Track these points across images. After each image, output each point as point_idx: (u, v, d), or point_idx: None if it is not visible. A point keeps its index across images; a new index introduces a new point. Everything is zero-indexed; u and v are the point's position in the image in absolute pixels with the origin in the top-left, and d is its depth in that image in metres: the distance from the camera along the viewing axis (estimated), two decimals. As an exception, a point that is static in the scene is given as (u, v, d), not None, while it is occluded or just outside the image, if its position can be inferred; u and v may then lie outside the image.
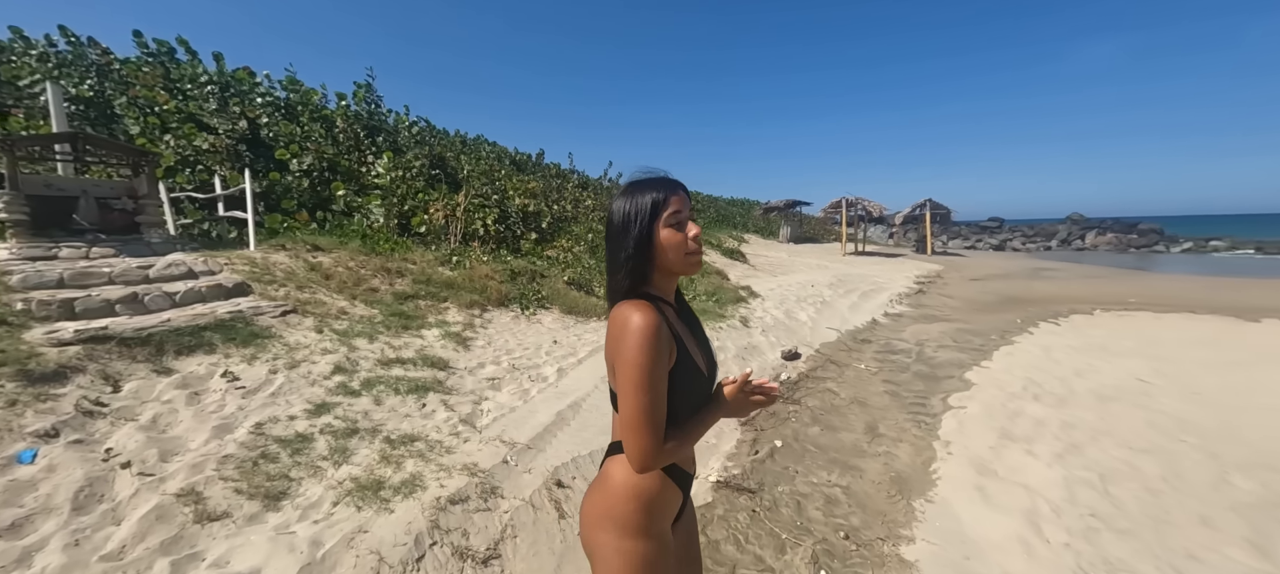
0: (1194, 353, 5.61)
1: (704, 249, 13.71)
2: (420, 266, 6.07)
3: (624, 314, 0.96)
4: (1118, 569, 2.18)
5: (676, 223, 1.01)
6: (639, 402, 0.92)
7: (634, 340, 0.93)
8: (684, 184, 1.07)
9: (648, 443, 0.93)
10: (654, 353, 0.93)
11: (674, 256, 1.02)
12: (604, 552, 1.02)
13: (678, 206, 1.02)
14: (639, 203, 1.02)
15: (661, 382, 0.95)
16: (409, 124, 12.49)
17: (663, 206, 1.01)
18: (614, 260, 1.05)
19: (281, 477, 2.48)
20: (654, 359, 0.93)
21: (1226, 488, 2.80)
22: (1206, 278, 13.69)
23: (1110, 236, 30.14)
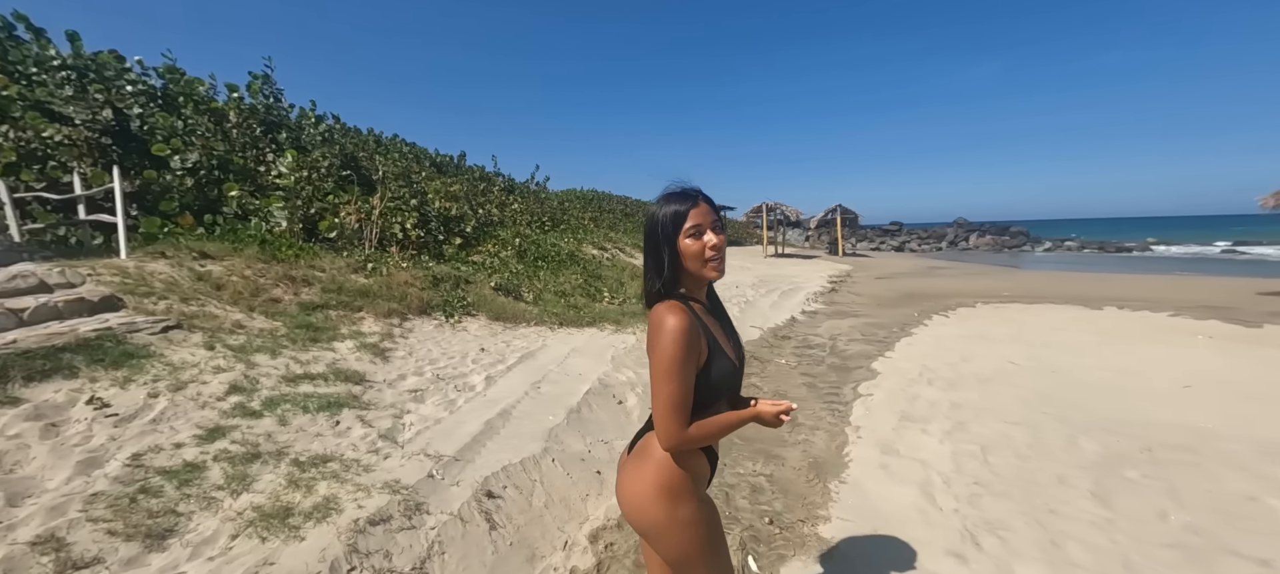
0: (1053, 337, 6.52)
1: (634, 252, 13.79)
2: (330, 274, 5.63)
3: (660, 315, 1.10)
4: (996, 528, 2.50)
5: (695, 233, 1.15)
6: (667, 391, 1.08)
7: (667, 338, 1.07)
8: (707, 196, 1.20)
9: (674, 427, 1.09)
10: (684, 350, 1.07)
11: (693, 264, 1.16)
12: (663, 521, 1.15)
13: (698, 220, 1.15)
14: (663, 215, 1.17)
15: (688, 375, 1.09)
16: (316, 120, 11.52)
17: (684, 219, 1.15)
18: (648, 266, 1.21)
19: (167, 512, 2.21)
20: (683, 356, 1.07)
21: (1075, 450, 3.29)
22: (1063, 272, 15.96)
23: (989, 238, 34.22)
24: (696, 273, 1.17)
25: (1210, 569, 2.16)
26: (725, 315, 1.32)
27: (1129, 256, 24.81)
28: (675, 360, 1.06)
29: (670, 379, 1.07)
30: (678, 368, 1.07)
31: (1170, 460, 3.12)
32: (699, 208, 1.15)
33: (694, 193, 1.18)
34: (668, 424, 1.09)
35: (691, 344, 1.08)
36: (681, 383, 1.08)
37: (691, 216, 1.14)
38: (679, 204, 1.16)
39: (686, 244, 1.15)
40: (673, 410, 1.08)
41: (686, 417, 1.10)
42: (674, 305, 1.11)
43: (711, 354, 1.14)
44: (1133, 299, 9.48)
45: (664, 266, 1.17)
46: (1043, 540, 2.38)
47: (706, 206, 1.17)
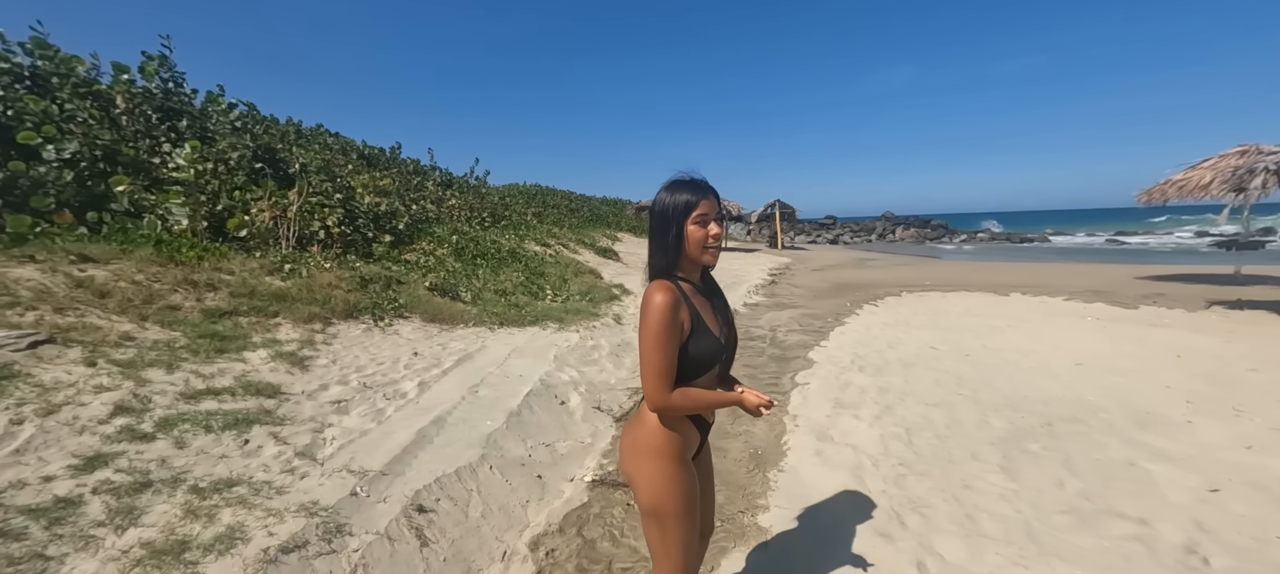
0: (966, 323, 7.06)
1: (578, 248, 13.64)
2: (241, 276, 5.14)
3: (650, 293, 1.24)
4: (919, 506, 2.65)
5: (701, 221, 1.27)
6: (652, 359, 1.23)
7: (654, 314, 1.22)
8: (715, 189, 1.32)
9: (658, 391, 1.25)
10: (667, 325, 1.21)
11: (695, 249, 1.29)
12: (646, 472, 1.30)
13: (706, 210, 1.27)
14: (676, 200, 1.27)
15: (670, 346, 1.23)
16: (226, 107, 10.47)
17: (694, 207, 1.27)
18: (654, 245, 1.32)
19: (32, 557, 1.92)
20: (666, 329, 1.21)
21: (986, 428, 3.57)
22: (976, 262, 17.36)
23: (912, 231, 36.64)
24: (696, 258, 1.30)
25: (1099, 530, 2.40)
26: (722, 299, 1.43)
27: (1032, 247, 27.44)
28: (659, 332, 1.21)
29: (654, 349, 1.22)
30: (661, 339, 1.21)
31: (1065, 433, 3.45)
32: (708, 200, 1.28)
33: (704, 185, 1.30)
34: (653, 388, 1.24)
35: (673, 320, 1.22)
36: (664, 353, 1.22)
37: (701, 206, 1.27)
38: (691, 193, 1.27)
39: (692, 230, 1.27)
40: (657, 376, 1.23)
41: (669, 383, 1.24)
42: (663, 284, 1.25)
43: (694, 330, 1.27)
44: (1034, 285, 10.46)
45: (668, 247, 1.29)
46: (959, 515, 2.55)
47: (713, 200, 1.29)
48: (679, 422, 1.33)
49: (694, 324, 1.27)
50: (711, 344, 1.29)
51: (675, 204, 1.27)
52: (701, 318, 1.29)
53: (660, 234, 1.30)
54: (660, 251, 1.31)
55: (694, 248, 1.28)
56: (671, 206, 1.28)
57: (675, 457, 1.31)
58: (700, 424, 1.42)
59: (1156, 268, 13.15)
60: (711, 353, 1.30)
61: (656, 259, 1.32)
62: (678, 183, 1.30)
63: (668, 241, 1.29)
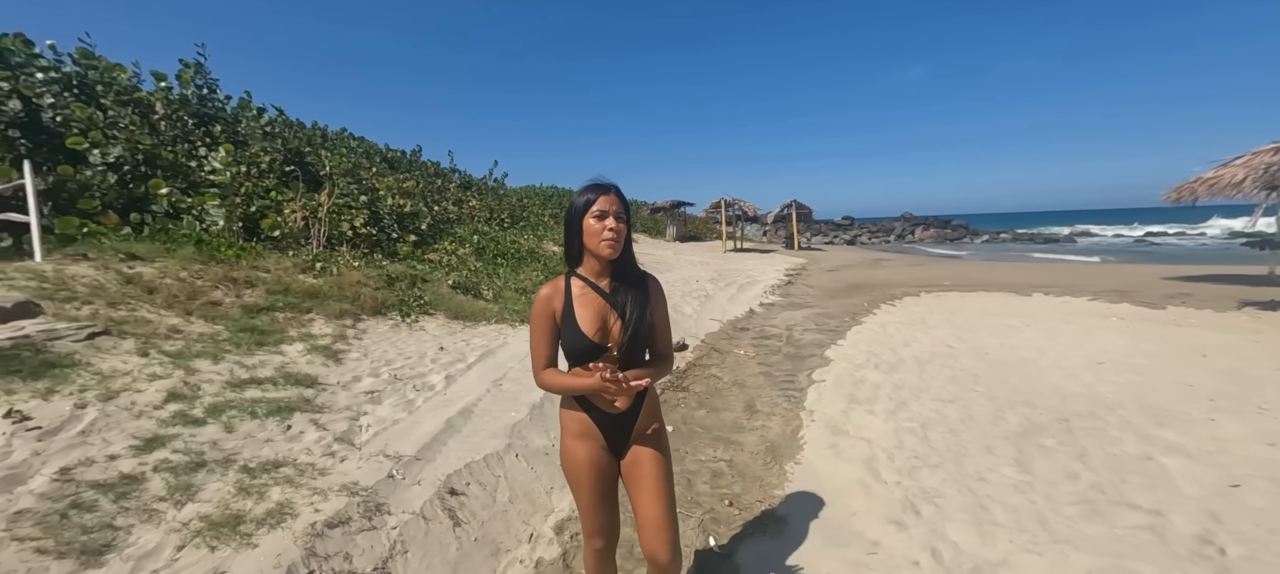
0: (983, 321, 7.01)
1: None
2: (275, 274, 5.38)
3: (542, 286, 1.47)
4: (932, 496, 2.71)
5: (599, 215, 1.37)
6: (530, 343, 1.48)
7: (534, 304, 1.45)
8: (617, 188, 1.42)
9: (534, 369, 1.48)
10: (537, 315, 1.44)
11: (591, 242, 1.39)
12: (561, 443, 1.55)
13: (604, 206, 1.37)
14: (577, 200, 1.41)
15: (540, 332, 1.44)
16: (257, 112, 10.86)
17: (592, 204, 1.38)
18: (565, 240, 1.47)
19: (103, 527, 2.10)
20: (536, 319, 1.44)
21: (1001, 422, 3.60)
22: (997, 262, 17.09)
23: (932, 231, 36.11)
24: (593, 249, 1.40)
25: (1111, 520, 2.44)
26: (637, 294, 1.47)
27: (1057, 246, 26.84)
28: (533, 319, 1.46)
29: (530, 332, 1.47)
30: (534, 323, 1.45)
31: (1081, 428, 3.46)
32: (608, 197, 1.38)
33: (607, 185, 1.41)
34: (532, 366, 1.48)
35: (541, 310, 1.43)
36: (534, 336, 1.46)
37: (599, 203, 1.37)
38: (591, 193, 1.39)
39: (589, 224, 1.39)
40: (532, 355, 1.48)
41: (539, 363, 1.46)
42: (556, 280, 1.46)
43: (563, 323, 1.42)
44: (1057, 286, 10.30)
45: (569, 242, 1.45)
46: (972, 505, 2.61)
47: (615, 198, 1.39)
48: (570, 402, 1.51)
49: (564, 318, 1.42)
50: (577, 340, 1.40)
51: (577, 203, 1.40)
52: (573, 313, 1.41)
53: (566, 230, 1.45)
54: (567, 246, 1.47)
55: (591, 240, 1.39)
56: (574, 205, 1.41)
57: (569, 431, 1.51)
58: (592, 411, 1.48)
59: (1186, 268, 12.82)
60: (577, 348, 1.41)
61: (566, 253, 1.49)
62: (585, 187, 1.42)
63: (573, 237, 1.43)
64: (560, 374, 1.43)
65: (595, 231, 1.38)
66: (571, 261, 1.48)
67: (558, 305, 1.42)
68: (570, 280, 1.45)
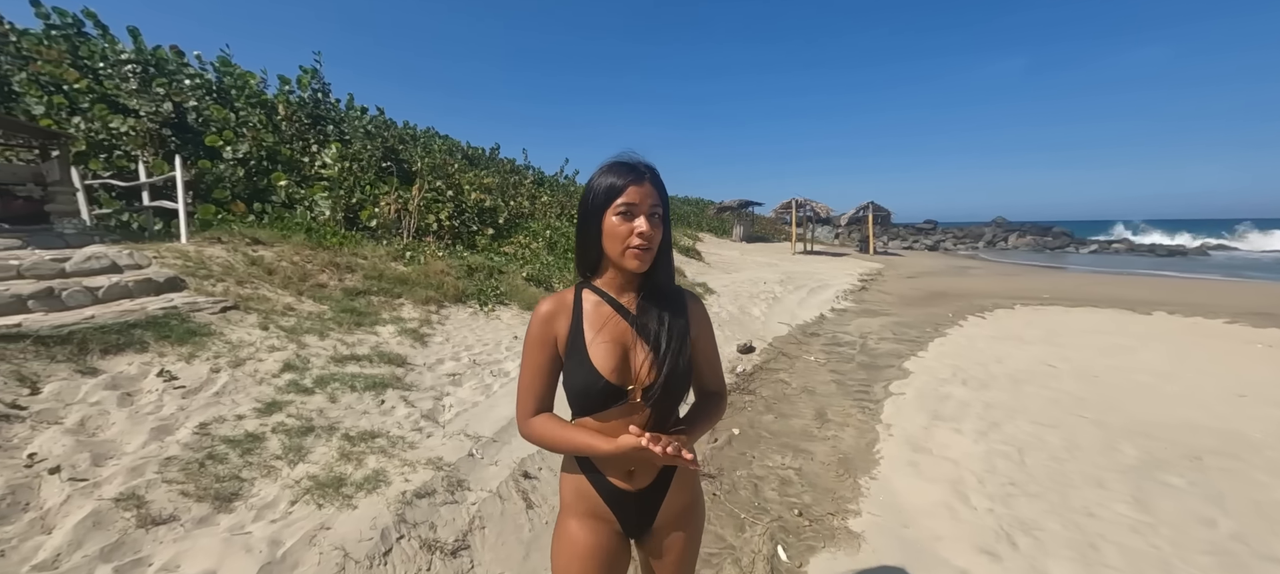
0: (1092, 340, 6.29)
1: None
2: (371, 262, 5.87)
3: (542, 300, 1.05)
4: (1030, 527, 2.47)
5: (625, 213, 0.95)
6: (520, 378, 1.05)
7: (528, 326, 1.04)
8: (654, 172, 1.00)
9: (517, 410, 1.05)
10: (532, 336, 1.02)
11: (611, 247, 0.98)
12: None
13: (634, 198, 0.95)
14: (596, 186, 0.98)
15: (534, 363, 1.03)
16: (360, 111, 11.91)
17: (617, 194, 0.95)
18: (577, 240, 1.06)
19: (232, 478, 2.39)
20: (531, 341, 1.03)
21: (1114, 453, 3.21)
22: (1108, 275, 15.27)
23: (1029, 238, 32.95)
24: (613, 257, 0.99)
25: (1257, 579, 2.11)
26: (673, 320, 1.04)
27: (1184, 260, 23.50)
28: (525, 345, 1.04)
29: (522, 364, 1.04)
30: (525, 351, 1.04)
31: (1217, 468, 3.01)
32: (641, 187, 0.96)
33: (640, 169, 0.98)
34: (517, 409, 1.05)
35: (538, 333, 1.01)
36: (526, 367, 1.03)
37: (627, 194, 0.95)
38: (617, 177, 0.97)
39: (612, 224, 0.97)
40: (519, 392, 1.05)
41: (530, 405, 1.03)
42: (559, 294, 1.04)
43: (568, 353, 1.00)
44: (1185, 304, 9.04)
45: (581, 242, 1.03)
46: (1078, 541, 2.35)
47: (651, 189, 0.97)
48: (572, 465, 1.07)
49: (570, 345, 0.99)
50: (587, 379, 0.97)
51: (597, 190, 0.98)
52: (584, 340, 0.99)
53: (580, 227, 1.02)
54: (578, 248, 1.05)
55: (612, 244, 0.97)
56: (592, 193, 0.99)
57: (572, 508, 1.07)
58: (601, 483, 1.04)
59: (1358, 290, 10.80)
60: (586, 390, 0.98)
61: (577, 259, 1.07)
62: (607, 166, 1.00)
63: (588, 236, 1.01)
64: (560, 425, 1.00)
65: (619, 234, 0.96)
66: (584, 269, 1.06)
67: (562, 329, 1.01)
68: (581, 295, 1.03)
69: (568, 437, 0.99)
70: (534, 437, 1.02)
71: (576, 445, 0.98)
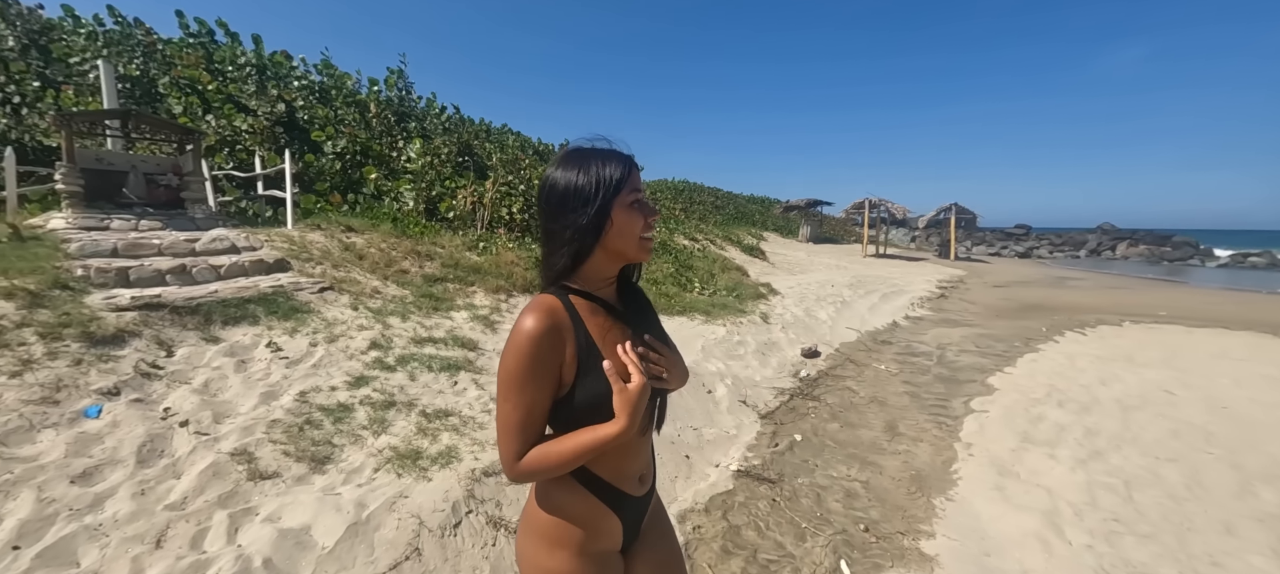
0: (1223, 366, 5.49)
1: (724, 245, 13.69)
2: (449, 251, 6.22)
3: (522, 315, 0.85)
4: (1139, 571, 2.20)
5: (639, 206, 0.89)
6: (503, 410, 0.85)
7: (514, 346, 0.84)
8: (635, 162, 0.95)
9: (505, 453, 0.86)
10: (530, 364, 0.83)
11: (627, 242, 0.90)
12: (524, 563, 0.96)
13: (637, 186, 0.90)
14: (599, 174, 0.87)
15: (531, 394, 0.84)
16: (438, 110, 12.68)
17: (625, 183, 0.88)
18: (554, 237, 0.90)
19: (325, 442, 2.62)
20: (528, 370, 0.83)
21: (1250, 498, 2.78)
22: (1242, 292, 13.26)
23: (1143, 248, 29.30)
24: (628, 252, 0.91)
25: None
26: (647, 313, 1.02)
27: (1343, 279, 19.88)
28: (515, 374, 0.83)
29: (507, 395, 0.85)
30: (517, 383, 0.84)
31: (1391, 528, 2.53)
32: (637, 173, 0.92)
33: (628, 154, 0.92)
34: (501, 448, 0.87)
35: (542, 357, 0.84)
36: (519, 402, 0.84)
37: (632, 181, 0.89)
38: (619, 165, 0.88)
39: (625, 217, 0.88)
40: (504, 432, 0.85)
41: (521, 442, 0.85)
42: (541, 304, 0.87)
43: (582, 372, 0.87)
44: (1346, 331, 7.68)
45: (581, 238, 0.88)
46: (1200, 595, 2.06)
47: (639, 175, 0.93)
48: (569, 494, 0.92)
49: (582, 362, 0.87)
50: (604, 391, 0.86)
51: (600, 179, 0.87)
52: (598, 353, 0.88)
53: (565, 220, 0.88)
54: (565, 246, 0.89)
55: (625, 240, 0.89)
56: (595, 183, 0.87)
57: (560, 544, 0.92)
58: (612, 497, 0.94)
59: None
60: (602, 402, 0.87)
61: (557, 258, 0.91)
62: (592, 152, 0.90)
63: (584, 230, 0.88)
64: (557, 443, 0.86)
65: (631, 226, 0.89)
66: (564, 273, 0.91)
67: (569, 349, 0.86)
68: (570, 302, 0.90)
69: (575, 446, 0.85)
70: (533, 472, 0.86)
71: (588, 448, 0.84)
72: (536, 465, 0.85)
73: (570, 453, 0.84)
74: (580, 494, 0.92)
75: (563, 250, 0.90)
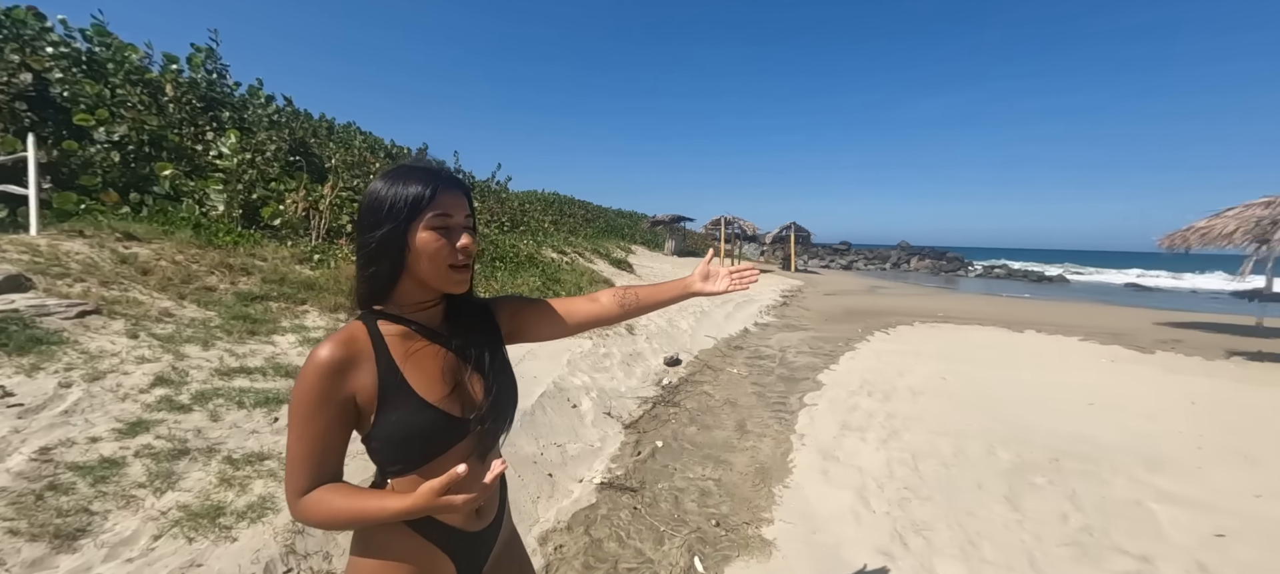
0: (978, 355, 7.04)
1: (593, 258, 13.83)
2: (272, 264, 5.35)
3: (317, 348, 0.80)
4: (921, 528, 2.70)
5: (442, 227, 0.83)
6: (289, 442, 0.80)
7: (301, 375, 0.79)
8: (465, 186, 0.89)
9: (288, 486, 0.80)
10: (315, 395, 0.78)
11: (431, 267, 0.83)
12: None
13: (448, 209, 0.84)
14: (396, 194, 0.82)
15: (316, 428, 0.78)
16: (264, 100, 10.88)
17: (426, 205, 0.82)
18: (359, 258, 0.86)
19: (79, 511, 2.05)
20: (313, 402, 0.78)
21: (992, 459, 3.60)
22: (991, 297, 17.19)
23: (928, 261, 36.36)
24: (432, 279, 0.85)
25: (1099, 564, 2.43)
26: (490, 341, 0.97)
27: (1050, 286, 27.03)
28: (299, 405, 0.78)
29: (292, 426, 0.79)
30: (301, 415, 0.78)
31: (1072, 469, 3.46)
32: (452, 196, 0.85)
33: (446, 174, 0.87)
34: (286, 487, 0.80)
35: (327, 389, 0.78)
36: (303, 434, 0.78)
37: (441, 203, 0.83)
38: (420, 184, 0.83)
39: (426, 238, 0.82)
40: (289, 465, 0.79)
41: (305, 478, 0.79)
42: (344, 331, 0.83)
43: (384, 402, 0.81)
44: (1050, 323, 10.36)
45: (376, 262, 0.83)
46: (961, 540, 2.59)
47: (462, 198, 0.87)
48: (390, 536, 0.85)
49: (383, 394, 0.81)
50: (428, 421, 0.83)
51: (396, 199, 0.81)
52: (405, 382, 0.82)
53: (371, 248, 0.83)
54: (367, 274, 0.85)
55: (428, 265, 0.83)
56: (391, 203, 0.82)
57: None
58: (443, 537, 0.88)
59: (1177, 314, 12.94)
60: (427, 432, 0.83)
61: (358, 280, 0.87)
62: (401, 170, 0.85)
63: (375, 253, 0.83)
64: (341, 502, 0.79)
65: (436, 251, 0.83)
66: (372, 297, 0.87)
67: (363, 379, 0.81)
68: (377, 329, 0.85)
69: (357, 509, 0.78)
70: (312, 516, 0.79)
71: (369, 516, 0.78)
72: (316, 511, 0.79)
73: (349, 514, 0.79)
74: (403, 534, 0.85)
75: (363, 271, 0.86)
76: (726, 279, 1.19)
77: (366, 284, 0.86)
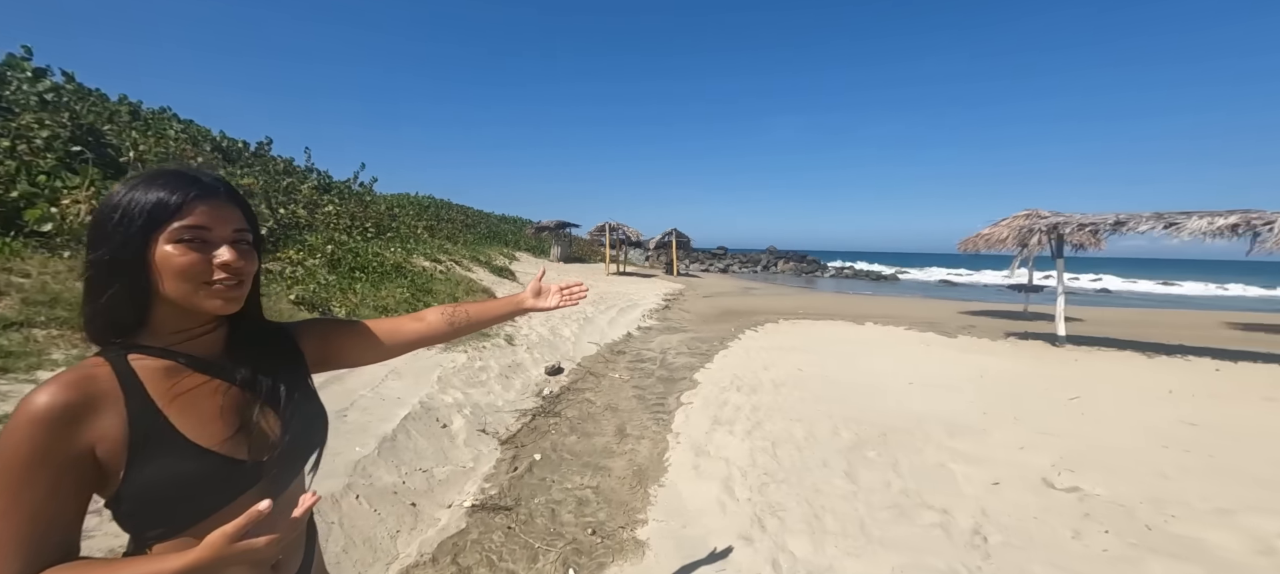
0: (830, 347, 7.98)
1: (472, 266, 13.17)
2: (40, 280, 4.25)
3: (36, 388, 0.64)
4: (777, 510, 2.96)
5: (191, 240, 0.69)
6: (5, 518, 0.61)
7: (7, 434, 0.62)
8: (239, 197, 0.77)
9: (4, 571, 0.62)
10: (30, 457, 0.62)
11: (180, 287, 0.69)
12: None
13: (203, 220, 0.70)
14: (132, 201, 0.68)
15: (39, 497, 0.62)
16: (34, 74, 8.62)
17: (170, 215, 0.68)
18: (85, 282, 0.71)
19: None
20: (26, 468, 0.62)
21: (836, 438, 4.09)
22: (841, 294, 19.63)
23: (792, 264, 40.46)
24: (186, 301, 0.70)
25: (913, 520, 2.88)
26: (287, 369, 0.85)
27: (886, 283, 31.79)
28: (5, 473, 0.61)
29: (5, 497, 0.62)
30: (9, 486, 0.61)
31: (896, 441, 4.06)
32: (211, 205, 0.72)
33: (207, 181, 0.73)
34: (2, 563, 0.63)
35: (47, 449, 0.62)
36: (13, 510, 0.61)
37: (191, 215, 0.69)
38: (167, 191, 0.69)
39: (169, 254, 0.68)
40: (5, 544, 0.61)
41: (22, 564, 0.62)
42: (71, 372, 0.66)
43: (138, 453, 0.67)
44: (885, 316, 12.12)
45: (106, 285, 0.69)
46: (809, 516, 2.90)
47: (230, 207, 0.74)
48: None
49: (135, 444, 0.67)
50: (205, 470, 0.70)
51: (129, 208, 0.68)
52: (169, 426, 0.69)
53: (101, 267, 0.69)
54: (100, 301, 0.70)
55: (175, 285, 0.69)
56: (122, 212, 0.68)
57: None
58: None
59: (973, 304, 15.95)
60: (204, 482, 0.70)
61: (95, 315, 0.71)
62: (145, 176, 0.71)
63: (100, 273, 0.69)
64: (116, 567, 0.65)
65: (185, 267, 0.69)
66: (112, 329, 0.71)
67: (107, 428, 0.66)
68: (125, 364, 0.70)
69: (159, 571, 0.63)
70: None
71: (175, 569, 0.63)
72: None
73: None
74: None
75: (95, 298, 0.70)
76: (557, 296, 1.24)
77: (103, 314, 0.70)
